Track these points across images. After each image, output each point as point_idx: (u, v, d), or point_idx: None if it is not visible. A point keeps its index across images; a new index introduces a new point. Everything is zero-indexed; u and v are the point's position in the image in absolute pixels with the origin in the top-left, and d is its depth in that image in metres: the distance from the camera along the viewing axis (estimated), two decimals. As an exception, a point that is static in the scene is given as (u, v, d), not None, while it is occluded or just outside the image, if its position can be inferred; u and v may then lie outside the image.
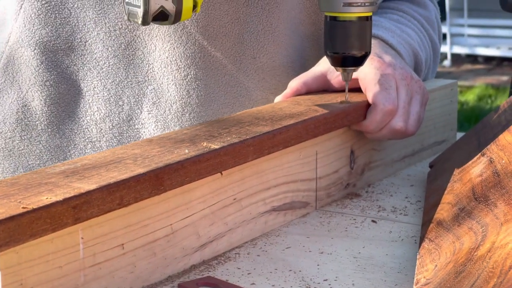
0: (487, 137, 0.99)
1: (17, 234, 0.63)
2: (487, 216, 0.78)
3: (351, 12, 0.98)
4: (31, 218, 0.64)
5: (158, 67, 1.08)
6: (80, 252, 0.70)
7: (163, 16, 0.88)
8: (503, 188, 0.81)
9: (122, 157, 0.78)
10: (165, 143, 0.83)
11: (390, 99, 1.02)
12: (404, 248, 0.88)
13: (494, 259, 0.69)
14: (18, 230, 0.63)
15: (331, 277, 0.80)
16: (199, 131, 0.88)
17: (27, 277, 0.65)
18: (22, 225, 0.63)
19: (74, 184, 0.70)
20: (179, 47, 1.07)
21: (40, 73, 1.08)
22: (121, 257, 0.74)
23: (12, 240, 0.63)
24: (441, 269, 0.74)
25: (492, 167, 0.87)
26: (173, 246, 0.80)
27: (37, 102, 1.09)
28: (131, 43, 1.07)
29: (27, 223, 0.64)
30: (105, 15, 1.06)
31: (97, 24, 1.07)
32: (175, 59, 1.07)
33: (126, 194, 0.72)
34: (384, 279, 0.80)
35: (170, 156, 0.79)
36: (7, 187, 0.69)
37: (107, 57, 1.08)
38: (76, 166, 0.75)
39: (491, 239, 0.73)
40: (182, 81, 1.07)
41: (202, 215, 0.83)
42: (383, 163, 1.12)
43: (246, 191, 0.88)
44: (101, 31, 1.07)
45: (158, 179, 0.75)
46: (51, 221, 0.66)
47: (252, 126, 0.90)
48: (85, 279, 0.70)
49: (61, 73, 1.08)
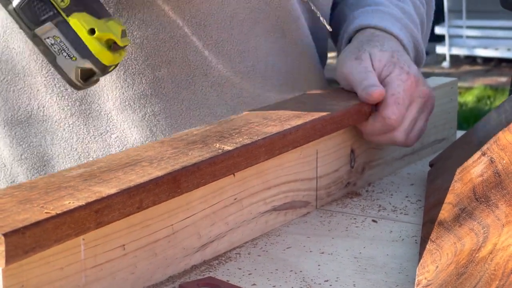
0: (488, 136, 0.99)
1: (43, 239, 0.63)
2: (488, 217, 0.78)
3: None
4: (56, 223, 0.64)
5: (116, 114, 1.05)
6: (81, 253, 0.70)
7: (90, 73, 0.88)
8: (504, 188, 0.81)
9: (137, 159, 0.78)
10: (177, 144, 0.83)
11: (396, 114, 1.02)
12: (405, 248, 0.88)
13: (495, 261, 0.69)
14: (44, 236, 0.63)
15: (332, 277, 0.80)
16: (209, 132, 0.88)
17: (28, 278, 0.65)
18: (47, 231, 0.63)
19: (94, 188, 0.70)
20: (129, 90, 1.05)
21: (14, 149, 1.08)
22: (122, 258, 0.74)
23: (38, 245, 0.63)
24: (442, 270, 0.74)
25: (493, 167, 0.87)
26: (174, 246, 0.79)
27: (21, 178, 1.08)
28: (85, 98, 1.05)
29: (52, 229, 0.64)
30: (53, 77, 1.04)
31: (48, 87, 1.05)
32: (128, 102, 1.05)
33: (145, 197, 0.72)
34: (385, 279, 0.80)
35: (185, 158, 0.79)
36: (27, 191, 0.69)
37: (65, 117, 1.06)
38: (93, 169, 0.75)
39: (493, 241, 0.73)
40: (141, 122, 1.05)
41: (203, 215, 0.83)
42: (384, 161, 1.12)
43: (247, 191, 0.88)
44: (54, 93, 1.05)
45: (175, 181, 0.75)
46: (75, 226, 0.66)
47: (261, 126, 0.90)
48: (86, 280, 0.70)
49: (30, 144, 1.07)
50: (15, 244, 0.61)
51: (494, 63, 6.58)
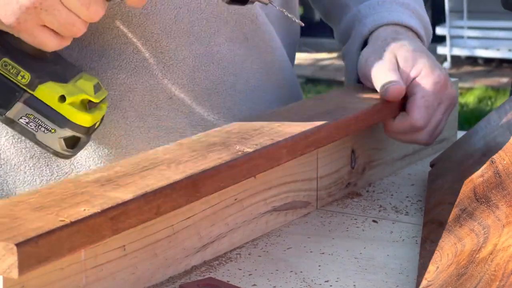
0: (488, 136, 0.99)
1: (57, 249, 0.62)
2: (488, 217, 0.78)
3: None
4: (70, 231, 0.63)
5: (79, 152, 0.95)
6: (82, 254, 0.70)
7: (75, 139, 0.86)
8: (504, 189, 0.81)
9: (155, 163, 0.77)
10: (196, 146, 0.82)
11: (424, 118, 1.02)
12: (405, 249, 0.88)
13: (496, 262, 0.69)
14: (58, 245, 0.62)
15: (332, 278, 0.80)
16: (229, 133, 0.87)
17: (28, 279, 0.65)
18: (61, 240, 0.62)
19: (110, 194, 0.69)
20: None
21: None
22: (122, 258, 0.74)
23: (52, 255, 0.62)
24: (443, 271, 0.74)
25: (493, 167, 0.87)
26: (174, 247, 0.80)
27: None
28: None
29: (66, 237, 0.63)
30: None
31: (2, 130, 1.00)
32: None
33: (163, 202, 0.71)
34: (386, 280, 0.80)
35: (204, 161, 0.78)
36: (42, 198, 0.68)
37: (25, 159, 1.00)
38: (109, 174, 0.74)
39: (493, 241, 0.73)
40: (108, 157, 0.99)
41: (204, 216, 0.83)
42: (384, 162, 1.12)
43: (247, 191, 0.88)
44: (8, 135, 1.00)
45: (194, 186, 0.74)
46: (90, 233, 0.65)
47: (284, 126, 0.90)
48: (87, 281, 0.70)
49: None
50: (28, 254, 0.60)
51: (495, 64, 6.58)
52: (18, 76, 0.84)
